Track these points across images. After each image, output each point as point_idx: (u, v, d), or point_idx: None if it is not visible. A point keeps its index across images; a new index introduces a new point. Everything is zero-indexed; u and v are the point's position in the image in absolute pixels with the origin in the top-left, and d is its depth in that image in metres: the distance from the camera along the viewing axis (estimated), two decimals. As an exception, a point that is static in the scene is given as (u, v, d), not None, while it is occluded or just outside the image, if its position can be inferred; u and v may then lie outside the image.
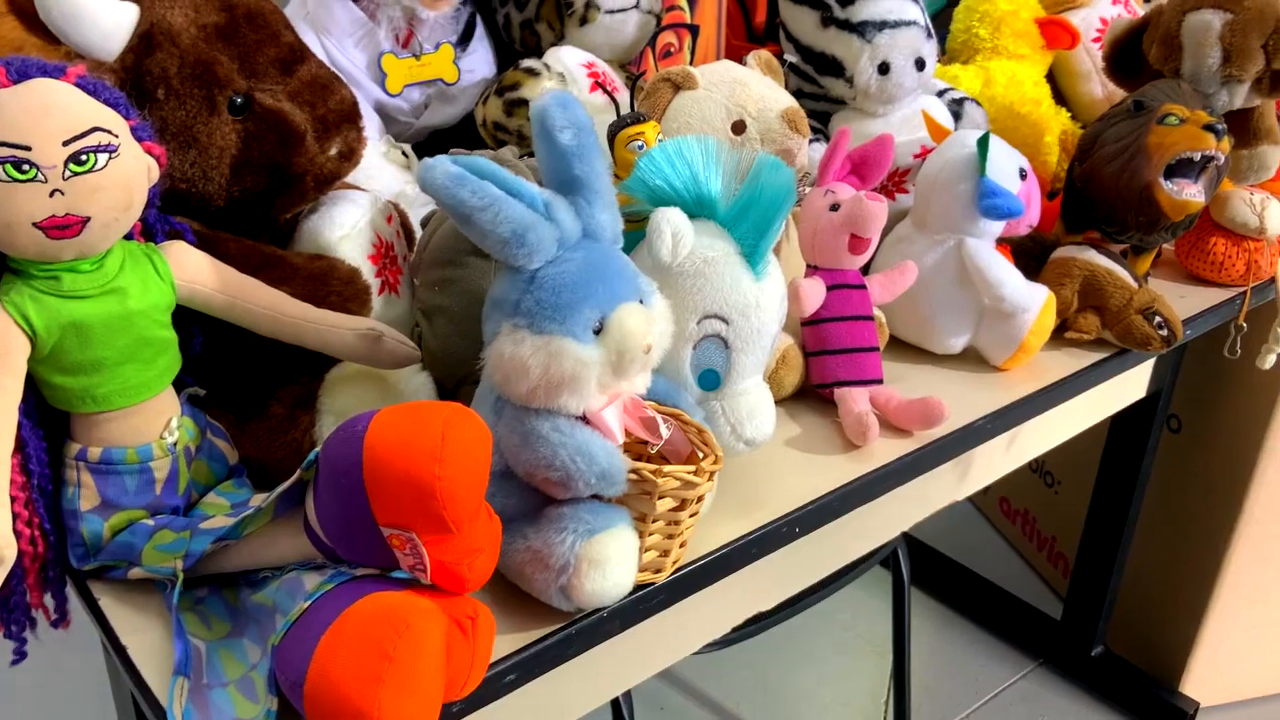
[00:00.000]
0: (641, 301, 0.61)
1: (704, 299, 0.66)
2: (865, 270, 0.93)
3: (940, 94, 1.03)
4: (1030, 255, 0.97)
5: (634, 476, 0.59)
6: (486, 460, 0.52)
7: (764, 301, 0.67)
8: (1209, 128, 0.83)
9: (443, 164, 0.57)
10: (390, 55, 0.96)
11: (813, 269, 0.84)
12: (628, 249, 0.69)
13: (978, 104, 1.04)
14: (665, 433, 0.62)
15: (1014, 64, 1.19)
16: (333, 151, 0.69)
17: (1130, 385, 1.21)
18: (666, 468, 0.59)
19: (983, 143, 0.85)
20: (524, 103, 0.92)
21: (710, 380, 0.69)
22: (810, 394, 0.85)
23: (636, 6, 1.03)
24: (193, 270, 0.61)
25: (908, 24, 0.92)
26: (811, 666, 1.74)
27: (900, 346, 0.93)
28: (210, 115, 0.64)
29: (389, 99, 0.97)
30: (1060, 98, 1.29)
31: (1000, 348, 0.89)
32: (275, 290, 0.64)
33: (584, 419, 0.59)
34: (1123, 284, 0.91)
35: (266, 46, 0.66)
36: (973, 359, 0.92)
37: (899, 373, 0.90)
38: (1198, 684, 1.71)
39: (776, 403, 0.84)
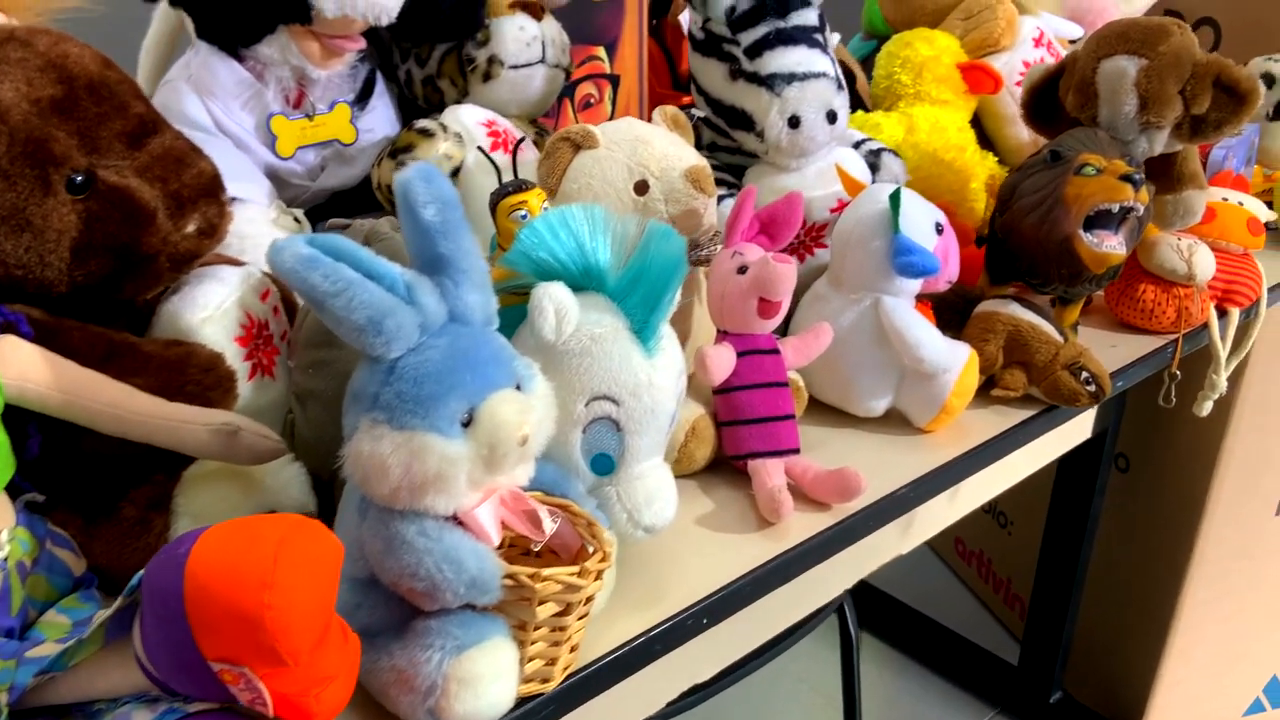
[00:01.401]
0: (519, 387, 0.56)
1: (591, 379, 0.61)
2: (784, 330, 0.90)
3: (858, 145, 1.00)
4: (954, 309, 0.94)
5: (510, 582, 0.54)
6: (332, 581, 0.47)
7: (657, 380, 0.63)
8: (1126, 178, 0.80)
9: (293, 246, 0.52)
10: (280, 117, 0.91)
11: (723, 334, 0.80)
12: (514, 324, 0.65)
13: (896, 155, 1.01)
14: (550, 527, 0.57)
15: (937, 110, 1.17)
16: (190, 229, 0.63)
17: (1075, 427, 1.18)
18: (546, 571, 0.54)
19: (894, 198, 0.81)
20: (418, 165, 0.87)
21: (604, 465, 0.64)
22: (726, 465, 0.81)
23: (543, 61, 0.99)
24: (22, 367, 0.56)
25: (817, 76, 0.89)
26: (764, 723, 1.68)
27: (823, 409, 0.89)
28: (45, 196, 0.58)
29: (280, 162, 0.92)
30: (988, 142, 1.28)
31: (923, 409, 0.85)
32: (121, 384, 0.59)
33: (456, 518, 0.54)
34: (1047, 339, 0.88)
35: (111, 119, 0.61)
36: (898, 420, 0.88)
37: (821, 438, 0.86)
38: (1156, 728, 1.67)
39: (688, 476, 0.80)
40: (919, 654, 2.03)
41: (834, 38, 1.34)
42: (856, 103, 1.27)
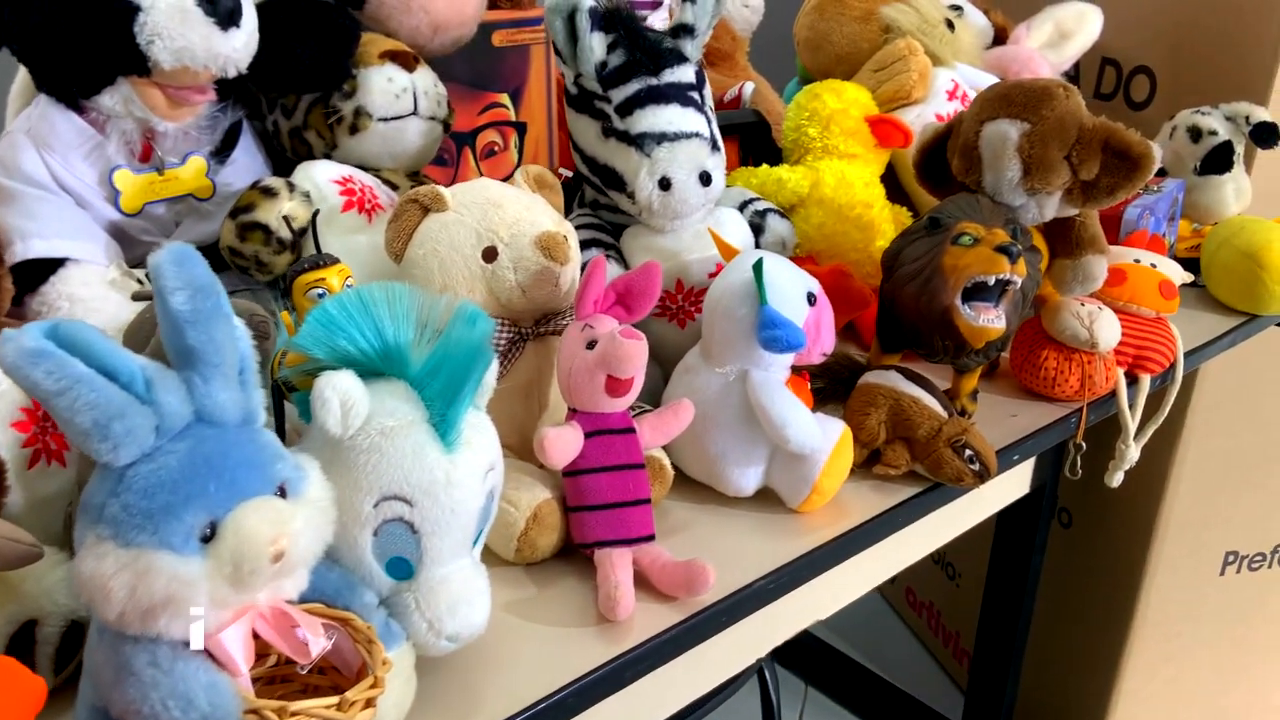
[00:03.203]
0: (283, 492, 0.51)
1: (380, 478, 0.56)
2: (657, 401, 0.85)
3: (745, 205, 0.96)
4: (839, 380, 0.89)
5: (253, 718, 0.48)
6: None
7: (457, 477, 0.57)
8: (1002, 249, 0.76)
9: (20, 337, 0.47)
10: (124, 171, 0.86)
11: (572, 412, 0.75)
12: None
13: (783, 216, 0.96)
14: (318, 648, 0.52)
15: (844, 164, 1.13)
16: (-47, 307, 0.58)
17: (1013, 481, 1.14)
18: (296, 705, 0.49)
19: (758, 269, 0.77)
20: (258, 226, 0.82)
21: (401, 569, 0.58)
22: (579, 552, 0.75)
23: (415, 113, 0.94)
24: None
25: (689, 136, 0.84)
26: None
27: (694, 486, 0.84)
28: None
29: (126, 219, 0.87)
30: (905, 195, 1.24)
31: (794, 490, 0.80)
32: None
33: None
34: (930, 413, 0.83)
35: None
36: (772, 499, 0.83)
37: (687, 519, 0.81)
38: (1100, 792, 1.62)
39: (534, 565, 0.75)
40: (865, 710, 1.98)
41: (749, 87, 1.31)
42: (776, 152, 1.23)
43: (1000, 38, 1.45)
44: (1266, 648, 1.70)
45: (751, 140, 1.29)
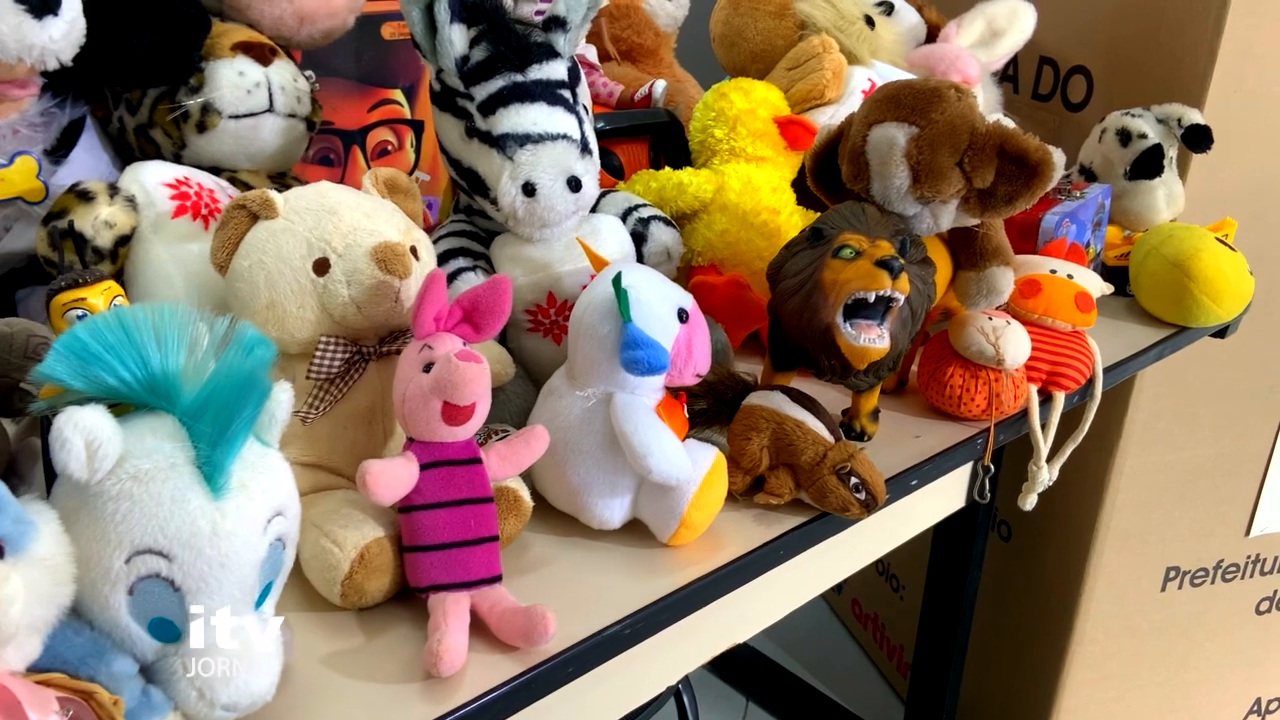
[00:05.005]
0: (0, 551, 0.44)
1: (132, 529, 0.49)
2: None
3: (629, 212, 0.89)
4: (723, 401, 0.83)
5: (-61, 819, 0.41)
6: None
7: (226, 527, 0.50)
8: (883, 263, 0.69)
9: None
10: (-62, 172, 0.79)
11: (410, 441, 0.68)
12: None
13: (669, 224, 0.90)
14: (43, 729, 0.45)
15: (751, 167, 1.06)
16: None
17: (948, 495, 1.08)
18: (-8, 802, 0.42)
19: (617, 283, 0.70)
20: (71, 234, 0.75)
21: (167, 631, 0.51)
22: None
23: (270, 109, 0.87)
24: None
25: (555, 138, 0.78)
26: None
27: (560, 518, 0.77)
28: None
29: (-58, 224, 0.80)
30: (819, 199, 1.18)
31: (662, 523, 0.73)
32: None
33: (-116, 730, 0.42)
34: (815, 438, 0.77)
35: None
36: (645, 531, 0.76)
37: (549, 553, 0.74)
38: (1039, 814, 1.57)
39: (367, 610, 0.68)
40: (805, 729, 1.94)
41: (660, 85, 1.24)
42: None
43: (934, 36, 1.39)
44: (1210, 666, 1.66)
45: (663, 141, 1.22)
